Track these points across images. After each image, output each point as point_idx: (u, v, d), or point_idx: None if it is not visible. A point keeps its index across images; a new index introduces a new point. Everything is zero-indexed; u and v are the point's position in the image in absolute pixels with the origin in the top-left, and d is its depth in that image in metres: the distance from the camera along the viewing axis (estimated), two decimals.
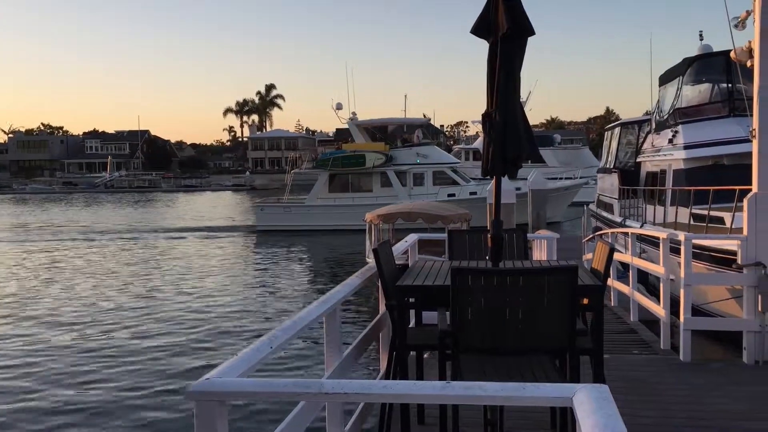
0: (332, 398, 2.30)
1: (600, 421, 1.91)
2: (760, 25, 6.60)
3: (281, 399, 2.42)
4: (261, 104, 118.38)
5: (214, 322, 14.50)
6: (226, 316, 15.10)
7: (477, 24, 4.85)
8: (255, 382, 2.33)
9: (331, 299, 3.91)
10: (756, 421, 4.94)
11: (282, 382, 2.30)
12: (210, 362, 10.76)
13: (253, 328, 13.81)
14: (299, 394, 2.36)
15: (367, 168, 33.53)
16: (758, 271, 6.54)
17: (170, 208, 56.37)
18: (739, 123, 12.25)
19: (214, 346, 12.42)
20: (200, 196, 74.36)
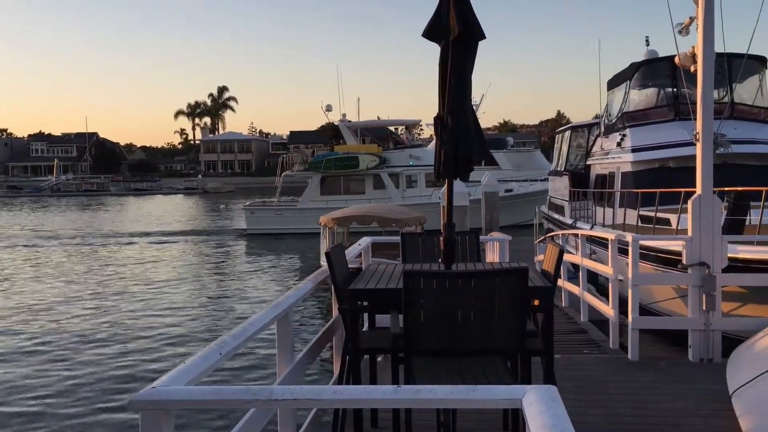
0: (282, 405, 2.27)
1: (548, 422, 1.92)
2: (703, 31, 6.79)
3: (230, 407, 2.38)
4: (213, 106, 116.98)
5: (181, 327, 14.24)
6: (187, 322, 14.85)
7: (428, 28, 4.87)
8: (202, 390, 2.28)
9: (282, 304, 3.87)
10: (700, 417, 5.06)
11: (230, 389, 2.26)
12: (161, 370, 10.56)
13: (219, 334, 13.60)
14: (249, 402, 2.32)
15: (361, 170, 33.20)
16: (702, 270, 6.72)
17: (130, 211, 55.33)
18: (684, 126, 12.58)
19: (170, 353, 12.19)
20: (151, 199, 73.02)
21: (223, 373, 10.55)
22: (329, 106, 36.98)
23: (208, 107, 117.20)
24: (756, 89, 14.94)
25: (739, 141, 12.44)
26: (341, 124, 37.80)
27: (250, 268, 23.23)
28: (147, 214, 51.04)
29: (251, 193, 78.30)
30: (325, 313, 13.81)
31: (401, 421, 4.05)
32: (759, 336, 5.92)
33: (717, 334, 6.74)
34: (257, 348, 11.24)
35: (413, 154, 34.17)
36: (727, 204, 9.04)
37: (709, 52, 6.80)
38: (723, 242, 6.80)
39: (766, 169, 12.98)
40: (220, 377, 10.28)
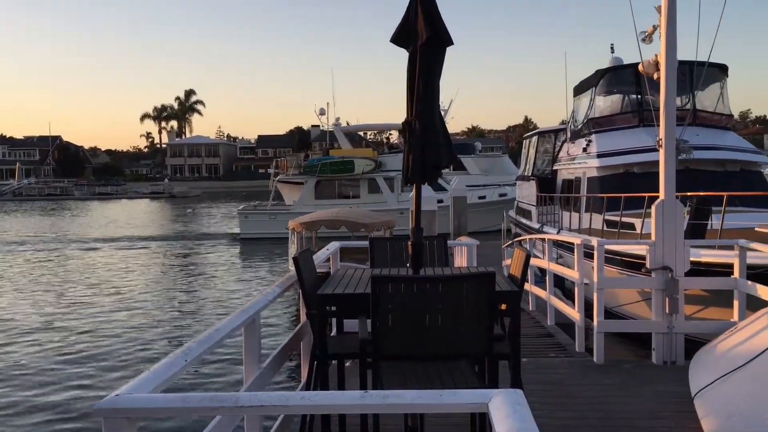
0: (248, 411, 2.24)
1: (514, 426, 1.94)
2: (665, 39, 6.92)
3: (196, 414, 2.35)
4: (180, 110, 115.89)
5: (162, 333, 14.03)
6: (168, 328, 14.63)
7: (397, 33, 4.89)
8: (166, 397, 2.25)
9: (250, 309, 3.84)
10: (663, 419, 5.15)
11: (195, 396, 2.24)
12: (129, 378, 10.39)
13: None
14: (214, 409, 2.29)
15: (356, 174, 32.93)
16: (665, 274, 6.83)
17: (105, 215, 54.22)
18: (648, 133, 12.80)
19: (144, 360, 12.00)
20: (116, 203, 71.96)
21: (190, 380, 10.42)
22: (322, 110, 36.74)
23: (174, 111, 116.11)
24: (717, 96, 15.28)
25: (701, 147, 12.69)
26: (335, 128, 37.53)
27: (240, 272, 22.91)
28: (118, 218, 50.20)
29: (218, 197, 77.72)
30: (295, 318, 13.74)
31: (369, 426, 4.04)
32: (720, 338, 6.03)
33: (680, 337, 6.85)
34: (227, 354, 11.13)
35: None
36: (689, 209, 9.22)
37: (672, 60, 6.93)
38: (685, 246, 6.92)
39: (727, 174, 13.28)
40: (188, 384, 10.16)
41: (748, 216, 10.39)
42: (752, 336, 5.42)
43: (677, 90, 7.79)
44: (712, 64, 14.22)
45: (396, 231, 16.59)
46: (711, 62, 13.35)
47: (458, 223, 20.73)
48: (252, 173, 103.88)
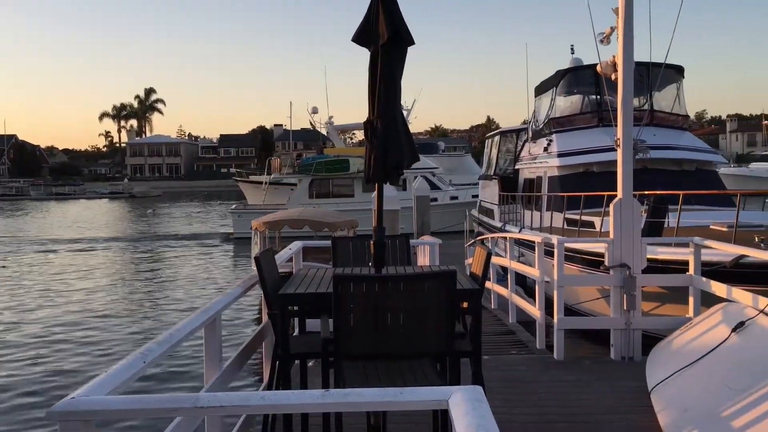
0: (208, 412, 2.23)
1: (473, 422, 1.96)
2: (622, 40, 7.05)
3: (155, 416, 2.32)
4: (140, 109, 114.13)
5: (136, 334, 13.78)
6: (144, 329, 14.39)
7: (358, 32, 4.89)
8: (124, 399, 2.22)
9: (210, 309, 3.81)
10: (621, 414, 5.24)
11: (153, 398, 2.22)
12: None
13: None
14: (173, 410, 2.27)
15: (351, 173, 32.69)
16: (623, 271, 6.96)
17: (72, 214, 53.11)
18: (606, 132, 13.02)
19: (105, 363, 11.77)
20: (74, 204, 70.53)
21: (151, 381, 10.28)
22: (315, 108, 36.47)
23: (134, 109, 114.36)
24: (674, 97, 15.61)
25: (658, 147, 12.97)
26: (329, 127, 37.30)
27: (231, 272, 22.59)
28: (79, 218, 49.17)
29: (180, 197, 76.76)
30: (259, 318, 13.64)
31: (331, 425, 4.03)
32: (676, 334, 6.18)
33: (637, 333, 6.99)
34: (190, 354, 11.01)
35: None
36: (646, 207, 9.40)
37: (629, 61, 7.06)
38: (642, 244, 7.07)
39: (684, 173, 13.58)
40: (150, 385, 10.04)
41: (703, 214, 10.64)
42: (706, 331, 5.56)
43: (635, 91, 7.94)
44: (669, 66, 14.51)
45: (361, 231, 16.58)
46: (667, 64, 13.64)
47: (421, 222, 20.82)
48: (214, 173, 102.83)
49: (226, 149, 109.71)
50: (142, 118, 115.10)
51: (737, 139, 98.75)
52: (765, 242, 8.05)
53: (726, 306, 5.82)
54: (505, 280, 10.10)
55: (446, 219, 28.68)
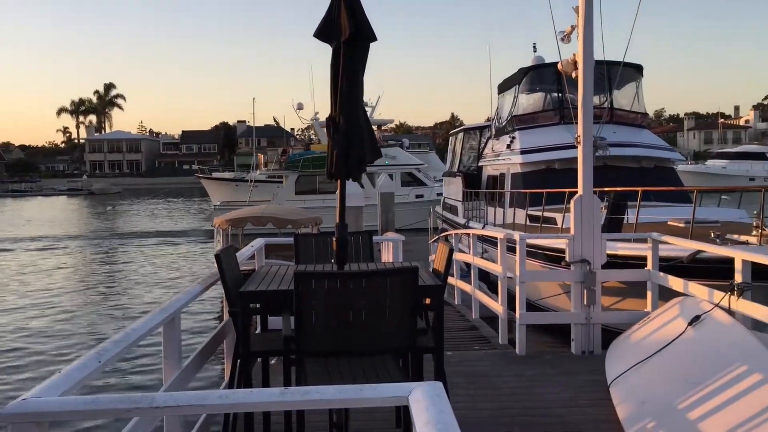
0: (165, 412, 2.19)
1: (432, 417, 1.96)
2: (582, 39, 7.13)
3: (110, 417, 2.28)
4: (99, 104, 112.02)
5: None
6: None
7: (320, 28, 4.86)
8: (77, 400, 2.17)
9: (169, 308, 3.75)
10: (581, 407, 5.31)
11: (108, 398, 2.17)
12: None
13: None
14: (128, 410, 2.23)
15: None
16: (584, 267, 7.06)
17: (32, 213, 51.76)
18: (568, 130, 13.16)
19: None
20: (30, 201, 68.98)
21: (110, 381, 10.12)
22: (300, 105, 36.17)
23: (93, 105, 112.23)
24: (633, 95, 15.86)
25: (618, 144, 13.17)
26: (315, 123, 37.00)
27: (199, 269, 22.22)
28: (38, 216, 48.01)
29: (140, 194, 75.60)
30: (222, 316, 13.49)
31: (293, 423, 4.01)
32: (634, 328, 6.28)
33: (597, 328, 7.09)
34: (151, 354, 10.85)
35: (389, 153, 33.55)
36: (606, 204, 9.54)
37: (589, 59, 7.14)
38: (602, 240, 7.16)
39: (642, 170, 13.81)
40: (111, 385, 9.88)
41: (661, 210, 10.84)
42: (663, 325, 5.67)
43: (595, 89, 8.05)
44: (628, 64, 14.75)
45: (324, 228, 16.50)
46: (627, 62, 13.85)
47: (385, 218, 20.85)
48: (176, 170, 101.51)
49: (188, 146, 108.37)
50: (102, 114, 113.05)
51: (695, 137, 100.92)
52: (720, 238, 8.23)
53: (683, 300, 5.94)
54: (468, 276, 10.16)
55: (415, 216, 28.79)
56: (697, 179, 48.77)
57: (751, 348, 4.35)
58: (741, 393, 4.02)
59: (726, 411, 3.99)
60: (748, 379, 4.04)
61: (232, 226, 16.05)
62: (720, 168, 55.39)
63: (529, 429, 4.89)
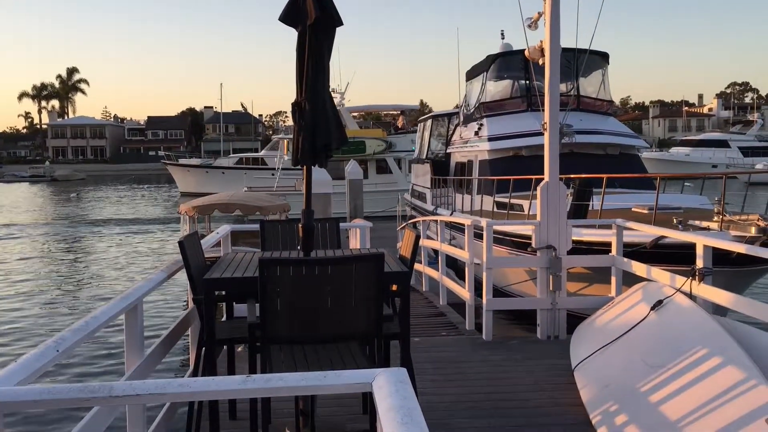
0: (124, 401, 2.15)
1: (395, 403, 1.95)
2: (549, 26, 7.16)
3: (68, 407, 2.23)
4: (62, 89, 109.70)
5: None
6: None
7: (285, 12, 4.79)
8: (33, 389, 2.12)
9: (131, 296, 3.69)
10: (546, 391, 5.37)
11: (66, 387, 2.12)
12: None
13: None
14: (87, 400, 2.18)
15: (368, 155, 32.32)
16: (549, 253, 7.12)
17: None
18: (535, 117, 13.23)
19: None
20: None
21: (74, 371, 9.98)
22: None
23: (56, 89, 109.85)
24: (599, 83, 16.00)
25: (584, 131, 13.29)
26: (343, 110, 36.70)
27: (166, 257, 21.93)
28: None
29: (105, 181, 74.43)
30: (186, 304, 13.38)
31: (258, 412, 3.99)
32: (599, 313, 6.36)
33: (562, 313, 7.18)
34: (119, 342, 10.72)
35: (415, 138, 33.57)
36: (572, 190, 9.63)
37: (555, 46, 7.17)
38: (568, 226, 7.23)
39: (608, 157, 13.98)
40: (76, 374, 9.75)
41: (625, 197, 10.98)
42: (627, 310, 5.75)
43: (562, 76, 8.08)
44: (594, 52, 14.87)
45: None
46: (593, 50, 13.97)
47: (354, 205, 20.81)
48: (141, 156, 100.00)
49: (154, 131, 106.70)
50: (65, 99, 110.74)
51: (659, 124, 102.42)
52: (683, 224, 8.36)
53: (646, 285, 6.02)
54: (437, 262, 10.19)
55: (386, 203, 28.83)
56: (662, 166, 49.62)
57: (711, 332, 4.43)
58: (701, 376, 4.09)
59: (686, 394, 4.06)
60: (708, 363, 4.12)
61: (198, 213, 15.86)
62: (684, 155, 56.36)
63: (494, 413, 4.93)
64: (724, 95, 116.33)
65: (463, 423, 4.76)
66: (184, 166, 50.73)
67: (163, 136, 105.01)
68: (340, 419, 4.81)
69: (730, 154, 53.61)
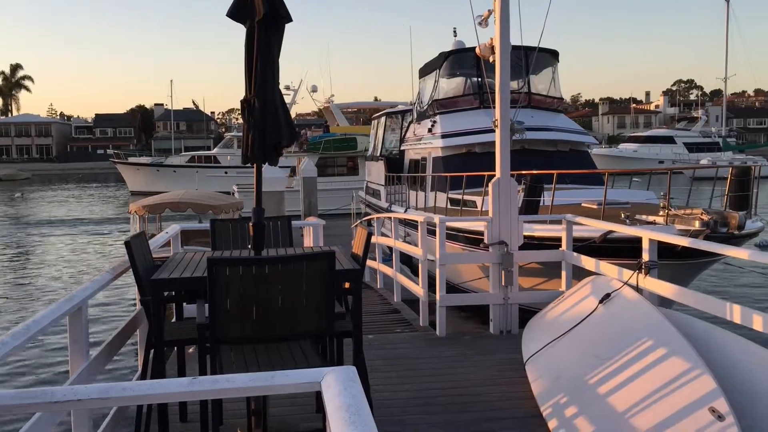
0: (65, 407, 2.09)
1: (344, 402, 1.94)
2: (499, 23, 7.22)
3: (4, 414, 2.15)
4: (5, 86, 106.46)
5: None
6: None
7: (233, 7, 4.72)
8: None
9: (75, 298, 3.60)
10: (498, 385, 5.43)
11: (2, 394, 2.05)
12: None
13: None
14: (25, 406, 2.11)
15: (359, 151, 32.08)
16: (501, 248, 7.20)
17: None
18: (488, 114, 13.29)
19: None
20: None
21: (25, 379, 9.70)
22: (314, 87, 35.50)
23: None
24: (549, 81, 16.22)
25: (535, 128, 13.47)
26: (333, 106, 36.32)
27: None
28: None
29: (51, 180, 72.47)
30: None
31: (209, 413, 3.92)
32: (549, 307, 6.46)
33: (514, 308, 7.26)
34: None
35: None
36: (523, 186, 9.74)
37: (505, 44, 7.24)
38: (519, 222, 7.32)
39: (559, 154, 14.19)
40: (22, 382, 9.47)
41: (576, 192, 11.17)
42: (576, 304, 5.84)
43: (513, 74, 8.17)
44: (545, 50, 15.08)
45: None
46: (544, 48, 14.16)
47: (308, 203, 20.70)
48: (89, 154, 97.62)
49: (102, 129, 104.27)
50: (8, 96, 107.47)
51: (608, 121, 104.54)
52: (630, 218, 8.54)
53: (594, 279, 6.14)
54: (391, 260, 10.20)
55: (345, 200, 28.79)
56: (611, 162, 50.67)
57: (657, 324, 4.53)
58: (647, 367, 4.19)
59: (633, 384, 4.15)
60: (654, 354, 4.22)
61: (149, 213, 15.57)
62: (632, 151, 57.66)
63: (448, 408, 4.96)
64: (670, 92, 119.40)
65: (417, 419, 4.77)
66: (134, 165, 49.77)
67: (112, 134, 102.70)
68: (294, 418, 4.78)
69: (676, 149, 55.06)
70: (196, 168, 41.13)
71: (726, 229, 7.71)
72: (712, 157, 49.75)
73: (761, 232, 9.32)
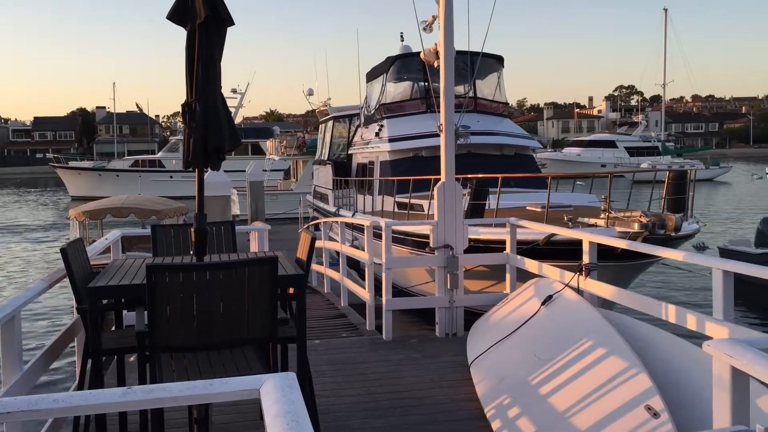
0: None
1: (282, 409, 1.92)
2: (443, 29, 7.28)
3: None
4: None
5: None
6: None
7: (173, 10, 4.65)
8: None
9: (7, 307, 3.48)
10: (444, 388, 5.47)
11: None
12: None
13: None
14: None
15: None
16: (447, 252, 7.25)
17: None
18: (434, 118, 13.31)
19: None
20: None
21: None
22: (311, 90, 34.72)
23: None
24: (495, 85, 16.46)
25: (481, 132, 13.64)
26: (329, 109, 35.68)
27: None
28: None
29: None
30: None
31: (149, 423, 3.85)
32: (494, 310, 6.54)
33: (460, 310, 7.32)
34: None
35: None
36: (469, 190, 9.85)
37: (449, 49, 7.31)
38: (465, 225, 7.39)
39: (504, 158, 14.41)
40: None
41: (520, 196, 11.35)
42: (520, 306, 5.93)
43: (458, 78, 8.26)
44: (490, 55, 15.30)
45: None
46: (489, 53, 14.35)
47: (255, 207, 20.50)
48: (28, 158, 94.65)
49: (41, 133, 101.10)
50: None
51: (553, 125, 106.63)
52: (572, 221, 8.72)
53: (537, 281, 6.24)
54: (338, 264, 10.17)
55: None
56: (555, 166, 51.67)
57: (596, 325, 4.64)
58: (587, 367, 4.28)
59: (574, 384, 4.23)
60: (593, 354, 4.31)
61: (89, 219, 15.17)
62: (575, 155, 58.90)
63: (392, 412, 4.97)
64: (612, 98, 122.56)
65: (362, 424, 4.77)
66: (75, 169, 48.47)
67: (52, 137, 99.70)
68: (237, 426, 4.72)
69: (617, 153, 56.46)
70: (140, 172, 40.36)
71: (664, 231, 7.94)
72: (652, 161, 51.18)
73: (697, 233, 9.65)
